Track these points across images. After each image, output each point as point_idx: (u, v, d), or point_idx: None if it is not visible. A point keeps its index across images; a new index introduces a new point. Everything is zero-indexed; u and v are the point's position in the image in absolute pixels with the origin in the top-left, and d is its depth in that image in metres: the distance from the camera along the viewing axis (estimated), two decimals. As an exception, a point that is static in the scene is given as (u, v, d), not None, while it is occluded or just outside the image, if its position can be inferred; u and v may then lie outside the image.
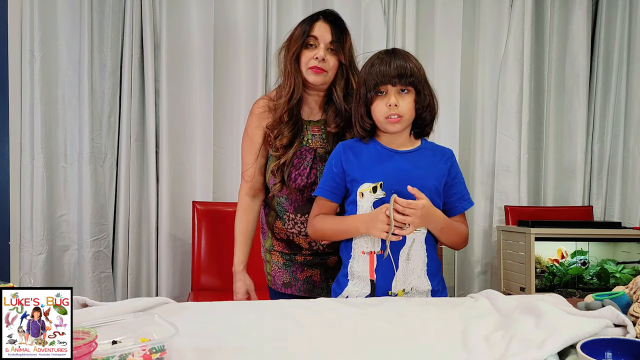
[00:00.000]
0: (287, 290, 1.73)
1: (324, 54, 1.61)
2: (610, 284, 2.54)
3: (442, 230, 1.48)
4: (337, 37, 1.62)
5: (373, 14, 2.97)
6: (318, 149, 1.66)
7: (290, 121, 1.64)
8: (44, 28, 2.60)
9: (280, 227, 1.71)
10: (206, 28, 2.83)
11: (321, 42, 1.61)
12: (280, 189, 1.66)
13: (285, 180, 1.64)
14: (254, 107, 1.73)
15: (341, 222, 1.49)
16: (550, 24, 3.16)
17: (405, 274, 1.46)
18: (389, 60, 1.44)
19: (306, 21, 1.65)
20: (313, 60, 1.61)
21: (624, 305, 1.13)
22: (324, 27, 1.62)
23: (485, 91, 3.14)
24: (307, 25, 1.63)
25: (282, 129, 1.64)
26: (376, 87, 1.43)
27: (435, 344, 1.06)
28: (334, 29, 1.62)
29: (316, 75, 1.62)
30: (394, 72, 1.42)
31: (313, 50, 1.62)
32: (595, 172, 3.25)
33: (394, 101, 1.42)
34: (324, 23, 1.62)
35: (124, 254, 2.74)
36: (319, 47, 1.61)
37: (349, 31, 1.67)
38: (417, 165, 1.49)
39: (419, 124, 1.51)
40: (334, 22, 1.63)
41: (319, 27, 1.62)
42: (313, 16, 1.65)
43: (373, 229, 1.41)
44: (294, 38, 1.65)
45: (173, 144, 2.80)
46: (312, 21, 1.63)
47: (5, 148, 2.60)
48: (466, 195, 1.56)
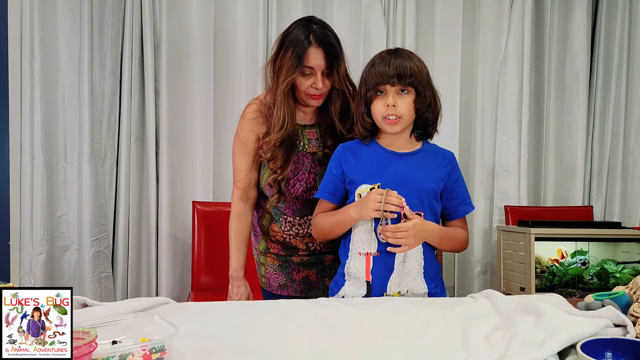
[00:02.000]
0: (282, 292, 1.73)
1: (322, 82, 1.56)
2: (610, 284, 2.54)
3: (440, 241, 1.49)
4: (330, 64, 1.56)
5: (373, 14, 2.96)
6: (317, 152, 1.65)
7: (282, 145, 1.60)
8: (44, 28, 2.59)
9: (277, 229, 1.70)
10: (206, 28, 2.83)
11: (317, 70, 1.55)
12: (278, 199, 1.65)
13: (283, 192, 1.63)
14: (245, 111, 1.69)
15: (336, 213, 1.50)
16: (550, 24, 3.15)
17: (400, 277, 1.45)
18: (390, 60, 1.43)
19: (297, 42, 1.54)
20: (312, 88, 1.56)
21: (624, 305, 1.13)
22: (318, 55, 1.54)
23: (485, 91, 3.14)
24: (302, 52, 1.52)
25: (276, 154, 1.60)
26: (375, 86, 1.43)
27: (435, 344, 1.06)
28: (327, 55, 1.55)
29: (316, 101, 1.60)
30: (393, 72, 1.41)
31: (310, 79, 1.55)
32: (595, 172, 3.24)
33: (392, 101, 1.41)
34: (317, 49, 1.53)
35: (124, 254, 2.74)
36: (316, 74, 1.55)
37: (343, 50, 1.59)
38: (417, 168, 1.48)
39: (421, 125, 1.50)
40: (327, 48, 1.54)
41: (313, 56, 1.53)
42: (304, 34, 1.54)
43: (365, 210, 1.41)
44: (286, 64, 1.54)
45: (173, 144, 2.80)
46: (305, 46, 1.53)
47: (5, 148, 2.60)
48: (467, 199, 1.55)
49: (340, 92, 1.61)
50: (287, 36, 1.57)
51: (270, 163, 1.62)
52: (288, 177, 1.62)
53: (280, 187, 1.63)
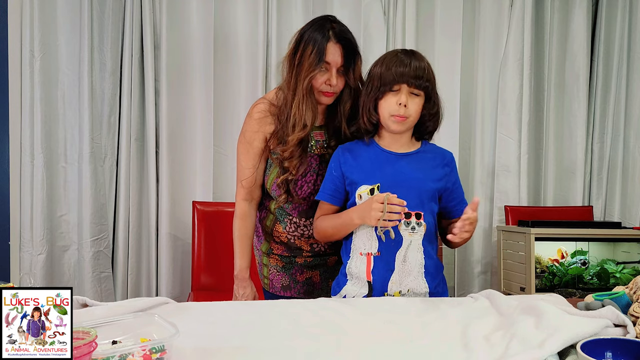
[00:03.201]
0: (286, 293, 1.72)
1: (336, 79, 1.55)
2: (610, 284, 2.54)
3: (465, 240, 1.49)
4: (348, 62, 1.55)
5: (373, 14, 2.97)
6: (324, 154, 1.64)
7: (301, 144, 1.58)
8: (44, 28, 2.59)
9: (281, 230, 1.69)
10: (206, 28, 2.83)
11: (333, 67, 1.54)
12: (286, 200, 1.63)
13: (291, 192, 1.62)
14: (252, 110, 1.66)
15: (338, 217, 1.51)
16: (550, 24, 3.16)
17: (401, 276, 1.46)
18: (409, 61, 1.44)
19: (318, 38, 1.52)
20: (325, 85, 1.55)
21: (624, 305, 1.13)
22: (336, 51, 1.53)
23: (485, 91, 3.14)
24: (322, 47, 1.51)
25: (295, 152, 1.58)
26: (392, 83, 1.43)
27: (435, 344, 1.06)
28: (345, 53, 1.54)
29: (328, 98, 1.59)
30: (413, 73, 1.43)
31: (325, 74, 1.54)
32: (595, 172, 3.25)
33: (405, 100, 1.42)
34: (335, 45, 1.53)
35: (124, 254, 2.74)
36: (331, 71, 1.54)
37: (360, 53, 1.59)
38: (416, 168, 1.49)
39: (421, 130, 1.52)
40: (346, 45, 1.55)
41: (331, 52, 1.52)
42: (324, 33, 1.53)
43: (367, 218, 1.42)
44: (307, 60, 1.53)
45: (173, 144, 2.80)
46: (324, 41, 1.52)
47: (5, 148, 2.60)
48: (463, 197, 1.58)
49: (353, 92, 1.60)
50: (306, 32, 1.56)
51: (287, 162, 1.59)
52: (296, 178, 1.61)
53: (288, 187, 1.62)
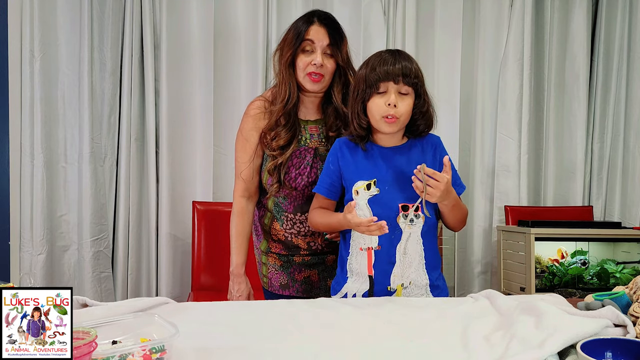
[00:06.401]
0: (284, 292, 1.73)
1: (321, 59, 1.57)
2: (610, 284, 2.54)
3: (453, 208, 1.47)
4: (334, 40, 1.58)
5: (373, 14, 2.97)
6: (319, 148, 1.65)
7: (287, 124, 1.62)
8: (44, 28, 2.60)
9: (278, 228, 1.70)
10: (206, 28, 2.83)
11: (318, 47, 1.57)
12: (277, 189, 1.64)
13: (282, 181, 1.63)
14: (249, 108, 1.70)
15: (330, 216, 1.52)
16: (550, 24, 3.16)
17: (402, 268, 1.46)
18: (394, 60, 1.42)
19: (299, 23, 1.59)
20: (311, 66, 1.57)
21: (624, 305, 1.13)
22: (320, 31, 1.58)
23: (485, 91, 3.14)
24: (302, 28, 1.58)
25: (279, 131, 1.62)
26: (377, 82, 1.41)
27: (435, 344, 1.06)
28: (330, 32, 1.58)
29: (314, 84, 1.60)
30: (399, 71, 1.40)
31: (310, 55, 1.58)
32: (595, 172, 3.25)
33: (394, 100, 1.40)
34: (319, 27, 1.58)
35: (124, 254, 2.74)
36: (316, 52, 1.57)
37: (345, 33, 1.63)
38: (410, 159, 1.48)
39: (412, 130, 1.50)
40: (330, 25, 1.59)
41: (315, 31, 1.57)
42: (306, 17, 1.59)
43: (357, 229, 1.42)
44: (287, 41, 1.60)
45: (173, 144, 2.80)
46: (307, 23, 1.58)
47: (5, 148, 2.60)
48: (458, 180, 1.54)
49: (343, 74, 1.62)
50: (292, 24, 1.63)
51: (273, 142, 1.62)
52: (289, 169, 1.62)
53: (280, 176, 1.62)
